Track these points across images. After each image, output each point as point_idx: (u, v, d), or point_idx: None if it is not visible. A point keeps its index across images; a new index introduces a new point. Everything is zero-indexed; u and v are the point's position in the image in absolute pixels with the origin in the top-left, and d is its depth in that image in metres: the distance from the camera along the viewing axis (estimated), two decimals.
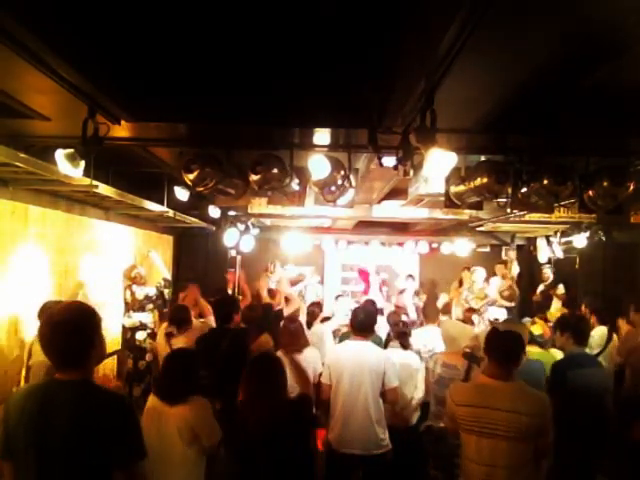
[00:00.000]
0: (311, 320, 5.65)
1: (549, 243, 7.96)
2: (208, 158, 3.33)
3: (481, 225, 7.41)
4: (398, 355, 3.99)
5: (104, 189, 4.34)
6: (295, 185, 3.76)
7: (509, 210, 4.66)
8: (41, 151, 3.55)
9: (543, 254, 8.29)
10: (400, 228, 9.66)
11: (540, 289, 8.20)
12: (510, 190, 3.62)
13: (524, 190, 3.58)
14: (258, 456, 2.67)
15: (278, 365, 2.89)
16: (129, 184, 5.15)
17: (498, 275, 7.99)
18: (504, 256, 9.01)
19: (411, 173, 3.26)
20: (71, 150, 3.15)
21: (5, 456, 1.91)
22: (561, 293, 7.45)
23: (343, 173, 3.46)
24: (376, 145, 3.13)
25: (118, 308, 5.79)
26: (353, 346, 3.70)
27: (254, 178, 3.43)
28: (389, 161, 3.27)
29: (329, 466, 3.56)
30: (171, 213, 5.87)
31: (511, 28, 2.09)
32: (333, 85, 2.62)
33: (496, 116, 3.04)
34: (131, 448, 1.91)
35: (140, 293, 5.81)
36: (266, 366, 2.87)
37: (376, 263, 9.30)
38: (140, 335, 5.68)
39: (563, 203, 4.69)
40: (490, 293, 7.48)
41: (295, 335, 4.06)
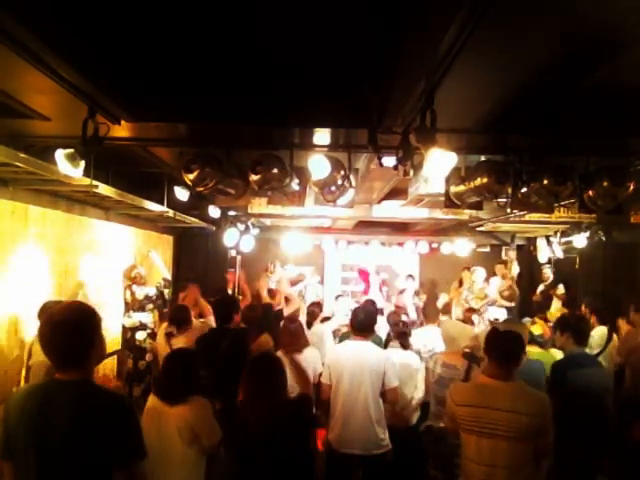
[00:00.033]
0: (311, 320, 5.65)
1: (549, 243, 7.95)
2: (208, 158, 3.33)
3: (481, 225, 7.41)
4: (398, 355, 3.99)
5: (104, 189, 4.34)
6: (295, 185, 3.76)
7: (509, 210, 4.66)
8: (41, 151, 3.55)
9: (543, 254, 8.28)
10: (400, 228, 9.65)
11: (540, 289, 8.19)
12: (510, 190, 3.62)
13: (524, 190, 3.58)
14: (258, 456, 2.67)
15: (278, 365, 2.88)
16: (129, 184, 5.15)
17: (498, 275, 7.98)
18: (504, 256, 9.01)
19: (411, 173, 3.26)
20: (71, 150, 3.15)
21: (5, 456, 1.91)
22: (561, 293, 7.44)
23: (343, 173, 3.46)
24: (376, 145, 3.13)
25: (118, 308, 5.79)
26: (353, 346, 3.70)
27: (254, 178, 3.43)
28: (389, 161, 3.27)
29: (329, 466, 3.56)
30: (171, 213, 5.86)
31: (511, 28, 2.09)
32: (333, 85, 2.62)
33: (496, 116, 3.04)
34: (131, 448, 1.91)
35: (140, 293, 5.81)
36: (266, 366, 2.87)
37: (376, 263, 9.30)
38: (140, 335, 5.68)
39: (563, 203, 4.69)
40: (490, 293, 7.47)
41: (295, 335, 4.06)
